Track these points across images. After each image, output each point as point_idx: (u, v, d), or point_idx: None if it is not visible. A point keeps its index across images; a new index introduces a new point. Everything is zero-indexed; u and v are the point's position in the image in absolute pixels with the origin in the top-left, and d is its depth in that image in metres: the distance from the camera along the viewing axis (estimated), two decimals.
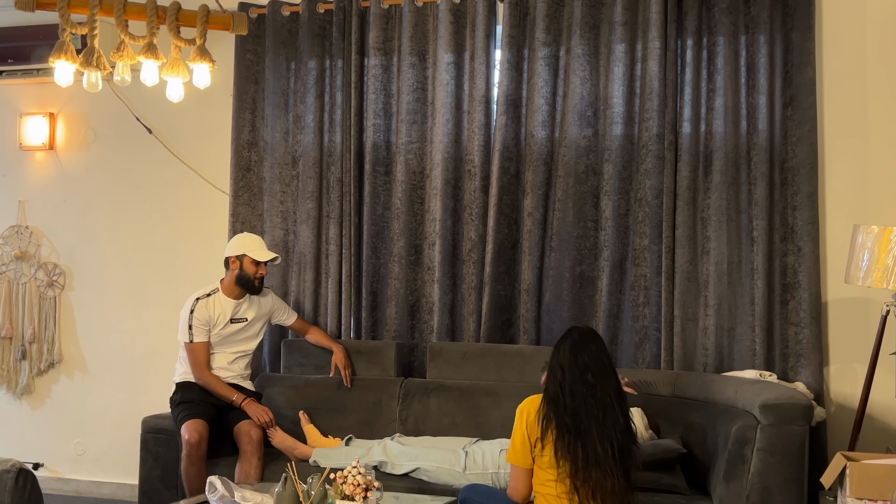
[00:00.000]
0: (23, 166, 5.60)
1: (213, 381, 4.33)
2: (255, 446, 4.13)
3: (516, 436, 3.15)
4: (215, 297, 4.39)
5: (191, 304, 4.35)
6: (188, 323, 4.32)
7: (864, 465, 3.26)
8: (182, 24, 3.70)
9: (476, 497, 3.35)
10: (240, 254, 4.37)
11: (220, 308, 4.38)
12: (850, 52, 4.23)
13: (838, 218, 4.22)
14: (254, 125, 5.02)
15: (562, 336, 3.20)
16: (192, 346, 4.33)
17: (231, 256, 4.39)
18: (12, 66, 5.32)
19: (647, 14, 4.35)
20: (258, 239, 4.47)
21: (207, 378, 4.33)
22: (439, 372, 4.48)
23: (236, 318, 4.40)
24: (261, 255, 4.38)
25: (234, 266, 4.39)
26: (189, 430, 4.09)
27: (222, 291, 4.41)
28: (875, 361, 3.84)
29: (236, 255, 4.38)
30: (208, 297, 4.38)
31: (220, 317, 4.37)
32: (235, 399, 4.29)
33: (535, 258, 4.50)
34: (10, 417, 5.58)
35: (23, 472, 2.94)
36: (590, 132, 4.46)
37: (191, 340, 4.32)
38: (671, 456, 3.67)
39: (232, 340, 4.41)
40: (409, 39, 4.70)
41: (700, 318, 4.31)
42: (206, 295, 4.38)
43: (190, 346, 4.33)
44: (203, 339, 4.33)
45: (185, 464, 4.08)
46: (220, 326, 4.37)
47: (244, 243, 4.41)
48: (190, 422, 4.14)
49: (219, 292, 4.41)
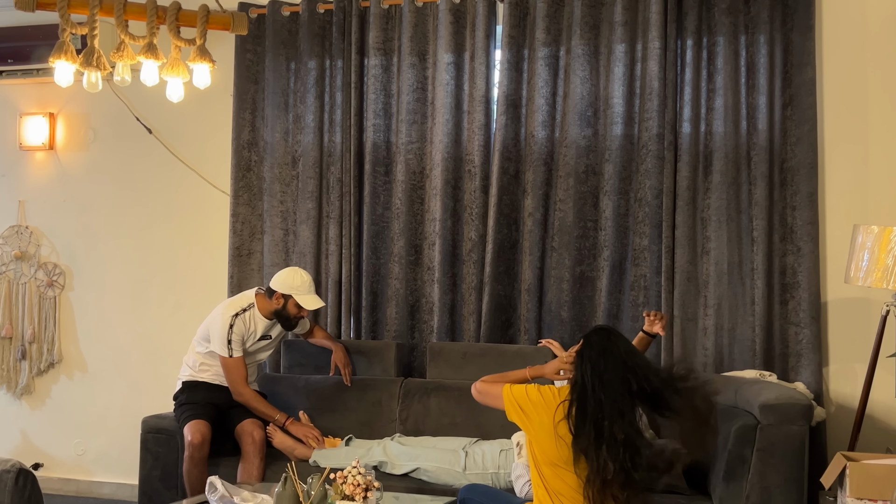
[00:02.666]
0: (23, 166, 5.60)
1: (254, 399, 4.27)
2: (258, 447, 4.13)
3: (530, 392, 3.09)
4: (252, 312, 4.28)
5: (229, 319, 4.21)
6: (227, 338, 4.19)
7: (864, 465, 3.26)
8: (182, 24, 3.70)
9: (475, 497, 3.34)
10: (286, 293, 4.24)
11: (255, 325, 4.29)
12: (850, 52, 4.23)
13: (838, 218, 4.22)
14: (254, 125, 5.02)
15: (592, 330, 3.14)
16: (232, 361, 4.22)
17: (278, 293, 4.25)
18: (12, 66, 5.33)
19: (647, 14, 4.35)
20: (308, 280, 4.30)
21: (248, 396, 4.26)
22: (439, 372, 4.48)
23: (266, 335, 4.37)
24: (309, 303, 4.24)
25: (276, 302, 4.26)
26: (192, 432, 4.09)
27: (258, 310, 4.30)
28: (875, 361, 3.84)
29: (283, 293, 4.25)
30: (245, 313, 4.25)
31: (252, 334, 4.29)
32: (278, 419, 4.25)
33: (535, 258, 4.50)
34: (10, 417, 5.58)
35: (23, 472, 2.94)
36: (590, 132, 4.46)
37: (230, 356, 4.21)
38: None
39: (255, 354, 4.40)
40: (409, 39, 4.70)
41: (700, 318, 4.31)
42: (243, 310, 4.26)
43: (230, 362, 4.22)
44: (241, 353, 4.24)
45: (187, 464, 4.08)
46: (251, 342, 4.31)
47: (294, 284, 4.24)
48: (193, 422, 4.13)
49: (254, 308, 4.29)
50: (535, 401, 3.07)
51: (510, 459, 3.84)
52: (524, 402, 3.09)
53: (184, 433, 4.14)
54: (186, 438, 4.09)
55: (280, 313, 4.28)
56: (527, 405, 3.09)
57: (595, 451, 2.92)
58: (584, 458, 2.93)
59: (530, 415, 3.07)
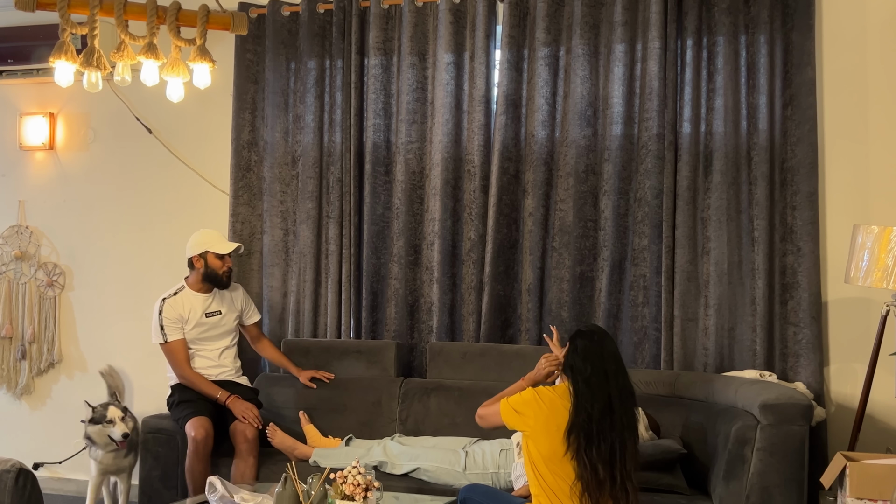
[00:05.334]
0: (23, 166, 5.60)
1: (196, 378, 4.32)
2: (251, 445, 4.13)
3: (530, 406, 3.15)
4: (182, 294, 4.37)
5: (158, 305, 4.34)
6: (159, 324, 4.31)
7: (864, 465, 3.26)
8: (182, 24, 3.70)
9: (476, 497, 3.35)
10: (202, 251, 4.36)
11: (190, 304, 4.35)
12: (850, 52, 4.23)
13: (838, 218, 4.22)
14: (254, 125, 5.02)
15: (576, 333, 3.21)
16: (169, 346, 4.32)
17: (194, 256, 4.37)
18: (12, 66, 5.33)
19: (647, 14, 4.35)
20: (216, 233, 4.46)
21: (191, 376, 4.32)
22: (439, 372, 4.48)
23: (210, 312, 4.39)
24: (222, 247, 4.36)
25: (198, 265, 4.37)
26: (195, 427, 4.09)
27: (189, 288, 4.39)
28: (875, 361, 3.84)
29: (198, 253, 4.36)
30: (175, 296, 4.36)
31: (191, 312, 4.35)
32: (220, 397, 4.28)
33: (535, 258, 4.50)
34: (10, 417, 5.58)
35: (23, 472, 2.95)
36: (590, 132, 4.46)
37: (165, 341, 4.31)
38: (671, 456, 3.67)
39: (212, 335, 4.41)
40: (409, 39, 4.70)
41: (700, 318, 4.31)
42: (173, 294, 4.37)
43: (167, 347, 4.32)
44: (178, 336, 4.30)
45: (191, 461, 4.07)
46: (195, 322, 4.35)
47: (204, 240, 4.39)
48: (195, 419, 4.14)
49: (185, 289, 4.39)
50: (528, 399, 3.15)
51: (510, 459, 3.84)
52: (518, 404, 3.17)
53: (186, 430, 4.15)
54: (189, 435, 4.10)
55: (208, 275, 4.36)
56: (520, 406, 3.16)
57: (585, 452, 3.00)
58: (576, 460, 3.01)
59: (525, 413, 3.14)
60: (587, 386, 3.06)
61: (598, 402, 3.03)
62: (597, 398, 3.03)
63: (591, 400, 3.03)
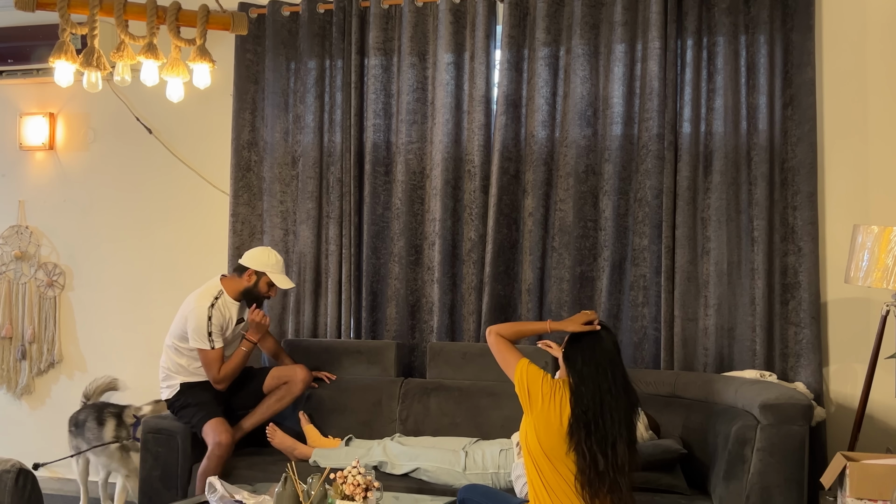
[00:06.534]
0: (23, 166, 5.60)
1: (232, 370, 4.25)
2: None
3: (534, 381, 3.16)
4: (223, 299, 4.24)
5: (206, 311, 4.16)
6: (207, 330, 4.15)
7: (864, 465, 3.26)
8: (182, 24, 3.70)
9: (475, 497, 3.35)
10: (260, 271, 4.24)
11: (229, 311, 4.26)
12: (850, 52, 4.23)
13: (838, 218, 4.22)
14: (254, 125, 5.02)
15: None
16: (213, 353, 4.19)
17: (250, 269, 4.25)
18: (12, 66, 5.33)
19: (647, 14, 4.35)
20: (281, 261, 4.31)
21: (227, 373, 4.24)
22: (439, 372, 4.48)
23: (240, 318, 4.36)
24: (282, 282, 4.27)
25: (248, 279, 4.25)
26: (219, 431, 4.07)
27: (227, 294, 4.26)
28: (875, 361, 3.84)
29: (256, 270, 4.24)
30: (218, 301, 4.22)
31: (230, 321, 4.27)
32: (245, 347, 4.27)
33: (535, 258, 4.50)
34: (10, 417, 5.58)
35: (23, 472, 2.95)
36: (590, 132, 4.46)
37: (212, 347, 4.17)
38: (671, 456, 3.67)
39: (234, 341, 4.39)
40: (409, 39, 4.70)
41: (700, 318, 4.31)
42: (216, 299, 4.22)
43: (211, 354, 4.19)
44: (221, 343, 4.21)
45: (212, 463, 4.03)
46: (230, 330, 4.28)
47: (268, 262, 4.25)
48: (215, 422, 4.11)
49: (224, 295, 4.25)
50: (545, 392, 3.13)
51: (510, 459, 3.84)
52: (535, 387, 3.14)
53: (205, 433, 4.11)
54: (214, 439, 4.05)
55: (250, 292, 4.27)
56: (536, 391, 3.14)
57: (585, 444, 3.00)
58: (576, 451, 3.01)
59: (535, 400, 3.13)
60: (585, 377, 3.06)
61: (596, 395, 3.03)
62: (595, 390, 3.04)
63: (590, 392, 3.03)
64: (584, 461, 3.00)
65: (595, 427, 3.00)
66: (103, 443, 4.66)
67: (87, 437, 4.78)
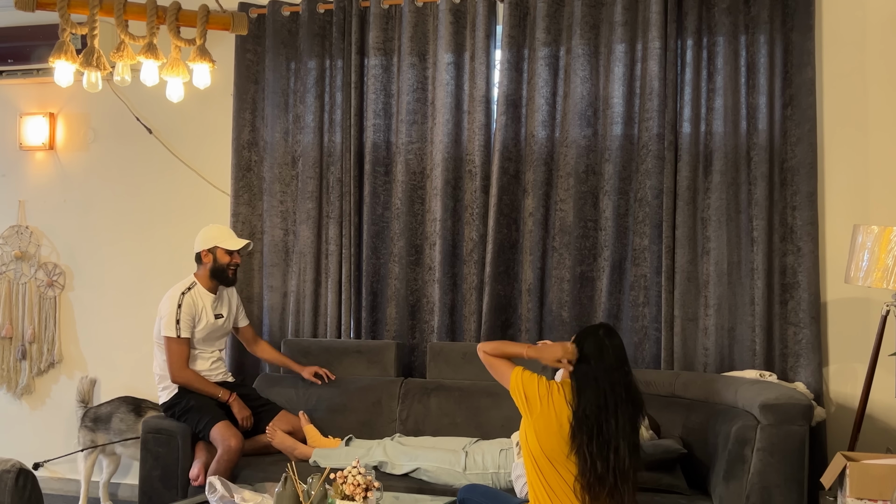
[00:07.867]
0: (23, 166, 5.60)
1: (195, 378, 4.28)
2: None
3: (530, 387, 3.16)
4: (196, 290, 4.33)
5: (177, 297, 4.26)
6: (175, 317, 4.21)
7: (864, 465, 3.26)
8: (182, 24, 3.71)
9: (475, 497, 3.35)
10: (211, 246, 4.35)
11: (202, 302, 4.34)
12: (850, 52, 4.23)
13: (838, 218, 4.22)
14: (254, 125, 5.02)
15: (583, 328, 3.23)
16: (178, 341, 4.21)
17: (202, 251, 4.36)
18: (12, 66, 5.33)
19: (647, 14, 4.35)
20: (226, 228, 4.46)
21: (190, 376, 4.27)
22: (439, 372, 4.48)
23: (217, 313, 4.38)
24: (232, 243, 4.35)
25: (206, 260, 4.36)
26: (229, 435, 4.07)
27: (200, 285, 4.36)
28: (875, 361, 3.84)
29: (208, 248, 4.35)
30: (190, 290, 4.31)
31: (203, 311, 4.33)
32: (221, 395, 4.28)
33: (536, 258, 4.50)
34: (10, 417, 5.58)
35: (23, 472, 2.95)
36: (590, 132, 4.46)
37: (178, 335, 4.21)
38: (671, 456, 3.67)
39: (213, 337, 4.39)
40: (409, 39, 4.70)
41: (700, 318, 4.31)
42: (188, 288, 4.31)
43: (174, 342, 4.21)
44: (188, 335, 4.25)
45: (221, 466, 4.02)
46: (205, 322, 4.32)
47: (213, 235, 4.38)
48: (223, 426, 4.12)
49: (197, 285, 4.35)
50: (542, 393, 3.13)
51: (510, 459, 3.84)
52: (531, 391, 3.15)
53: (213, 437, 4.11)
54: (225, 443, 4.05)
55: (215, 270, 4.34)
56: (533, 394, 3.15)
57: (587, 448, 3.00)
58: (577, 455, 3.01)
59: (534, 404, 3.13)
60: (588, 380, 3.06)
61: (599, 398, 3.03)
62: (598, 393, 3.03)
63: (592, 394, 3.03)
64: (584, 465, 3.00)
65: (597, 431, 3.00)
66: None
67: (118, 429, 4.78)
